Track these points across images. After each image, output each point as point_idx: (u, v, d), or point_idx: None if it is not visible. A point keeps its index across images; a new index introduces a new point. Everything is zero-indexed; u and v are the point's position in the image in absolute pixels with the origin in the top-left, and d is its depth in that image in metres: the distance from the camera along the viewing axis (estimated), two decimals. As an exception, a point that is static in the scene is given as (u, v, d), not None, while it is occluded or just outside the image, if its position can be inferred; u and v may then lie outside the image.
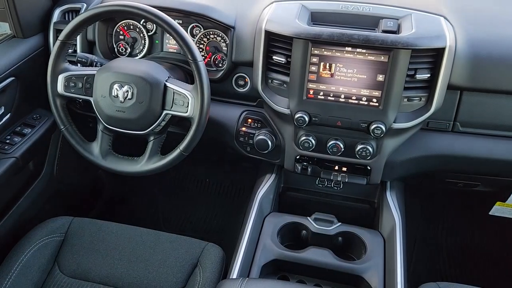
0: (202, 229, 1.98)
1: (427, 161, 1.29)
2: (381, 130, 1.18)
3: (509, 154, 1.26)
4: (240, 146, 1.38)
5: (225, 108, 1.38)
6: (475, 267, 1.81)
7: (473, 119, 1.25)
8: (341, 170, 1.32)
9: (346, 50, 1.14)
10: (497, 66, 1.18)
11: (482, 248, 1.85)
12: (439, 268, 1.82)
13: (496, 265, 1.80)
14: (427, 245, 1.86)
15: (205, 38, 1.37)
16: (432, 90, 1.17)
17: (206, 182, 2.12)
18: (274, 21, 1.20)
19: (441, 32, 1.14)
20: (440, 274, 1.81)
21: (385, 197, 1.35)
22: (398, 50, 1.10)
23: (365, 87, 1.17)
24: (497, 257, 1.82)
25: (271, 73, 1.25)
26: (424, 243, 1.86)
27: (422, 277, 1.76)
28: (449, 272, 1.81)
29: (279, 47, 1.21)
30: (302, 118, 1.21)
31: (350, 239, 1.26)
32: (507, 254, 1.82)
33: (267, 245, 1.21)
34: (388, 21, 1.19)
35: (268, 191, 1.38)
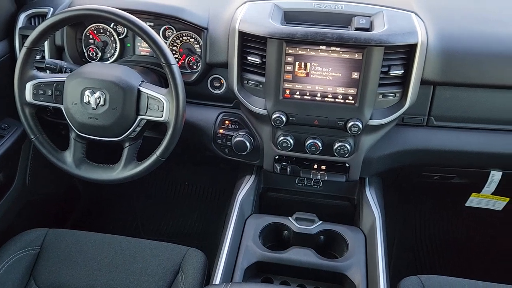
0: (183, 233, 1.96)
1: (403, 156, 1.31)
2: (358, 127, 1.18)
3: (482, 146, 1.29)
4: (218, 149, 1.36)
5: (201, 110, 1.36)
6: (455, 257, 1.85)
7: (446, 113, 1.27)
8: (320, 168, 1.33)
9: (321, 48, 1.14)
10: (467, 61, 1.20)
11: (460, 239, 1.89)
12: (419, 260, 1.85)
13: (475, 254, 1.85)
14: (406, 238, 1.89)
15: (178, 40, 1.35)
16: (406, 86, 1.18)
17: (185, 185, 2.09)
18: (248, 21, 1.19)
19: (413, 29, 1.16)
20: (421, 266, 1.84)
21: (365, 193, 1.36)
22: (372, 48, 1.11)
23: (340, 85, 1.17)
24: (475, 247, 1.87)
25: (246, 73, 1.24)
26: (404, 237, 1.89)
27: (403, 271, 1.78)
28: (429, 264, 1.85)
29: (254, 47, 1.20)
30: (280, 118, 1.21)
31: (331, 237, 1.26)
32: (485, 244, 1.86)
33: (249, 247, 1.20)
34: (361, 19, 1.19)
35: (248, 192, 1.37)
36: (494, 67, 1.20)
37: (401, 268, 1.79)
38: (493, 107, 1.25)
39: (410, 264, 1.84)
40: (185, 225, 1.99)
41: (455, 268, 1.83)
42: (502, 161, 1.32)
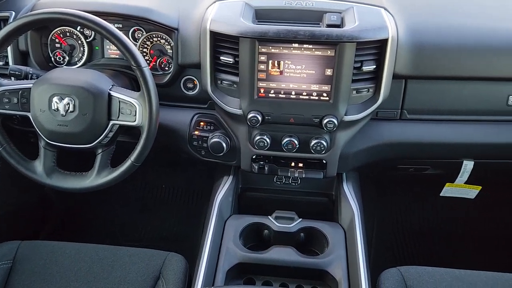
0: (163, 237, 1.93)
1: (379, 150, 1.33)
2: (333, 123, 1.19)
3: (454, 137, 1.32)
4: (194, 151, 1.35)
5: (175, 112, 1.34)
6: (432, 247, 1.90)
7: (418, 106, 1.29)
8: (298, 166, 1.33)
9: (293, 46, 1.14)
10: (436, 54, 1.22)
11: (437, 228, 1.93)
12: (398, 252, 1.89)
13: (451, 243, 1.89)
14: (385, 231, 1.92)
15: (148, 41, 1.32)
16: (379, 80, 1.20)
17: (162, 188, 2.06)
18: (219, 21, 1.17)
19: (383, 24, 1.17)
20: (399, 257, 1.87)
21: (342, 189, 1.37)
22: (344, 44, 1.12)
23: (314, 82, 1.17)
24: (451, 235, 1.91)
25: (220, 74, 1.23)
26: (382, 229, 1.91)
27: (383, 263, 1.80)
28: (408, 255, 1.88)
29: (226, 47, 1.19)
30: (255, 118, 1.20)
31: (312, 234, 1.27)
32: (460, 232, 1.91)
33: (230, 249, 1.19)
34: (332, 15, 1.20)
35: (226, 193, 1.36)
36: (463, 59, 1.23)
37: (381, 260, 1.81)
38: (463, 99, 1.28)
39: (389, 255, 1.87)
40: (164, 229, 1.96)
41: (433, 257, 1.87)
42: (474, 150, 1.35)
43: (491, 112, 1.30)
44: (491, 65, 1.23)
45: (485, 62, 1.23)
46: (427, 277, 1.18)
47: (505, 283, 1.16)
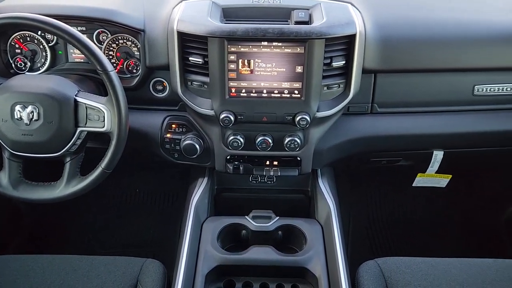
0: (140, 243, 1.89)
1: (351, 144, 1.34)
2: (306, 120, 1.19)
3: (423, 128, 1.34)
4: (167, 154, 1.32)
5: (145, 116, 1.31)
6: (408, 236, 1.93)
7: (388, 99, 1.31)
8: (273, 164, 1.32)
9: (263, 44, 1.13)
10: (403, 47, 1.24)
11: (411, 218, 1.97)
12: (375, 243, 1.92)
13: (425, 231, 1.94)
14: (361, 223, 1.95)
15: (114, 44, 1.29)
16: (349, 76, 1.20)
17: (136, 193, 2.02)
18: (186, 21, 1.15)
19: (351, 19, 1.17)
20: (376, 249, 1.91)
21: (318, 185, 1.38)
22: (313, 41, 1.12)
23: (285, 79, 1.17)
24: (426, 224, 1.96)
25: (189, 75, 1.21)
26: (358, 222, 1.94)
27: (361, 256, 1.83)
28: (385, 245, 1.92)
29: (195, 47, 1.17)
30: (228, 118, 1.19)
31: (289, 232, 1.27)
32: (434, 220, 1.96)
33: (208, 252, 1.17)
34: (300, 12, 1.19)
35: (202, 195, 1.34)
36: (429, 52, 1.25)
37: (358, 252, 1.84)
38: (431, 90, 1.31)
39: (367, 247, 1.90)
40: (140, 234, 1.92)
41: (409, 246, 1.91)
42: (443, 141, 1.38)
43: (458, 102, 1.33)
44: (457, 56, 1.26)
45: (451, 53, 1.26)
46: (404, 268, 1.20)
47: (478, 268, 1.19)
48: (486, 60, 1.26)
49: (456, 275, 1.18)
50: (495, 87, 1.31)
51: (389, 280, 1.17)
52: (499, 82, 1.30)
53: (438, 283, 1.17)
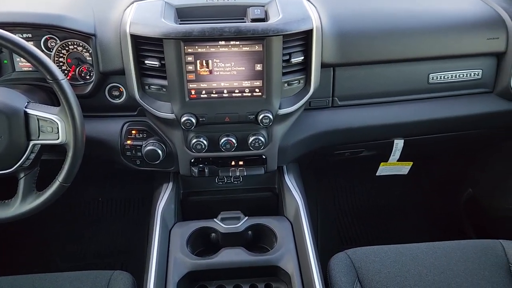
0: (106, 253, 1.83)
1: (315, 139, 1.34)
2: (269, 118, 1.18)
3: (383, 118, 1.37)
4: (129, 161, 1.28)
5: (103, 123, 1.26)
6: (375, 224, 1.98)
7: (348, 92, 1.33)
8: (238, 164, 1.31)
9: (220, 44, 1.11)
10: (359, 40, 1.26)
11: (377, 206, 2.02)
12: (344, 233, 1.95)
13: (391, 218, 1.99)
14: (329, 215, 1.98)
15: (64, 50, 1.22)
16: (308, 71, 1.21)
17: (99, 201, 1.95)
18: (139, 23, 1.11)
19: (307, 14, 1.17)
20: (346, 239, 1.94)
21: (284, 181, 1.38)
22: (271, 38, 1.11)
23: (245, 78, 1.16)
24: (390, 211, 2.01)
25: (146, 78, 1.17)
26: (327, 214, 1.97)
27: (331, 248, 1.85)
28: (353, 235, 1.95)
29: (150, 50, 1.13)
30: (189, 121, 1.16)
31: (260, 231, 1.26)
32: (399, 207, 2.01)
33: (178, 258, 1.15)
34: (255, 9, 1.18)
35: (168, 201, 1.31)
36: (384, 44, 1.27)
37: (329, 244, 1.86)
38: (388, 81, 1.33)
39: (336, 238, 1.93)
40: (106, 244, 1.86)
41: (376, 234, 1.96)
42: (402, 129, 1.41)
43: (415, 91, 1.36)
44: (412, 46, 1.29)
45: (406, 44, 1.28)
46: (373, 257, 1.22)
47: (443, 251, 1.24)
48: (439, 49, 1.30)
49: (423, 259, 1.22)
50: (449, 75, 1.35)
51: (360, 270, 1.19)
52: (452, 70, 1.34)
53: (406, 269, 1.20)
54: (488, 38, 1.31)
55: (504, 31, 1.31)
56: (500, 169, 1.62)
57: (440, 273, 1.19)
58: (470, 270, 1.19)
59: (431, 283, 1.17)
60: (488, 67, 1.36)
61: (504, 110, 1.39)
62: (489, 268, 1.19)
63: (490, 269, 1.19)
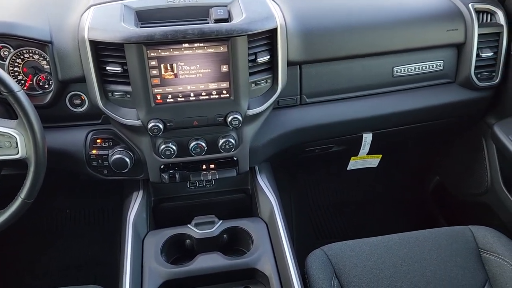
0: (78, 266, 1.77)
1: (285, 138, 1.34)
2: (238, 120, 1.17)
3: (351, 113, 1.38)
4: (95, 171, 1.24)
5: (66, 134, 1.21)
6: (349, 218, 2.00)
7: (315, 89, 1.33)
8: (210, 168, 1.29)
9: (184, 46, 1.09)
10: (323, 36, 1.26)
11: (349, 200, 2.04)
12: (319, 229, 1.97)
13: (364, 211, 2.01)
14: (303, 212, 1.99)
15: (19, 59, 1.16)
16: (275, 70, 1.20)
17: (67, 213, 1.88)
18: (97, 28, 1.07)
19: (270, 13, 1.16)
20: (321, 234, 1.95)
21: (257, 182, 1.37)
22: (235, 38, 1.09)
23: (212, 80, 1.14)
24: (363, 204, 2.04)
25: (109, 85, 1.13)
26: (301, 212, 1.97)
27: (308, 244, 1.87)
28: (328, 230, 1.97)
29: (111, 55, 1.09)
30: (156, 127, 1.13)
31: (235, 234, 1.24)
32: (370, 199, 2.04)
33: (153, 268, 1.12)
34: (218, 9, 1.16)
35: (139, 210, 1.27)
36: (348, 39, 1.28)
37: (305, 242, 1.87)
38: (354, 76, 1.34)
39: (312, 235, 1.94)
40: (78, 257, 1.80)
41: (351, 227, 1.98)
42: (370, 123, 1.43)
43: (380, 85, 1.38)
44: (375, 41, 1.30)
45: (368, 38, 1.30)
46: (348, 251, 1.24)
47: (415, 240, 1.26)
48: (402, 42, 1.32)
49: (397, 250, 1.24)
50: (412, 67, 1.37)
51: (337, 266, 1.20)
52: (415, 62, 1.37)
53: (382, 261, 1.22)
54: (448, 30, 1.34)
55: (462, 23, 1.35)
56: (464, 156, 1.67)
57: (414, 263, 1.21)
58: (442, 258, 1.22)
59: (406, 273, 1.19)
60: (449, 58, 1.40)
61: (466, 99, 1.43)
62: (460, 254, 1.23)
63: (461, 255, 1.23)
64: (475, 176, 1.60)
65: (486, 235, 1.26)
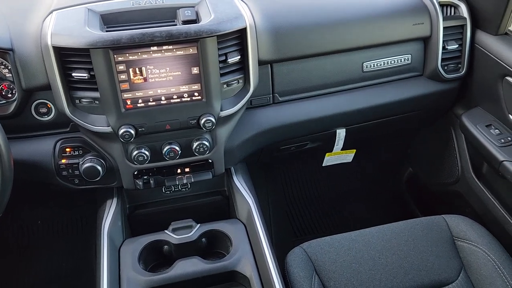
0: (53, 280, 1.72)
1: (260, 137, 1.33)
2: (211, 122, 1.15)
3: (323, 110, 1.38)
4: (66, 181, 1.20)
5: (32, 144, 1.17)
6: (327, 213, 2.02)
7: (287, 87, 1.33)
8: (185, 171, 1.27)
9: (153, 50, 1.06)
10: (293, 35, 1.26)
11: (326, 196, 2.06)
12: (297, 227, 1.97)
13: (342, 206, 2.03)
14: (281, 210, 1.99)
15: (-22, 68, 1.11)
16: (246, 70, 1.19)
17: (38, 225, 1.82)
18: (61, 34, 1.04)
19: (239, 13, 1.15)
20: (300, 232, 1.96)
21: (233, 183, 1.36)
22: (205, 39, 1.08)
23: (183, 83, 1.12)
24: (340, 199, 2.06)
25: (76, 92, 1.10)
26: (278, 210, 1.97)
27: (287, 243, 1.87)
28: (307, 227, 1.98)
29: (76, 61, 1.06)
30: (128, 133, 1.10)
31: (214, 236, 1.23)
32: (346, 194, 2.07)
33: (131, 278, 1.09)
34: (186, 11, 1.14)
35: (114, 219, 1.24)
36: (317, 37, 1.28)
37: (284, 240, 1.88)
38: (325, 73, 1.35)
39: (291, 232, 1.95)
40: (52, 270, 1.74)
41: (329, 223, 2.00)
42: (342, 119, 1.44)
43: (351, 80, 1.39)
44: (344, 37, 1.31)
45: (338, 35, 1.30)
46: (327, 247, 1.25)
47: (392, 232, 1.28)
48: (370, 37, 1.33)
49: (375, 243, 1.26)
50: (381, 62, 1.39)
51: (316, 262, 1.21)
52: (383, 57, 1.39)
53: (360, 255, 1.23)
54: (414, 24, 1.37)
55: (428, 17, 1.37)
56: (435, 147, 1.71)
57: (392, 255, 1.23)
58: (419, 248, 1.25)
59: (384, 266, 1.21)
60: (416, 52, 1.42)
61: (435, 91, 1.47)
62: (436, 244, 1.26)
63: (437, 244, 1.26)
64: (446, 166, 1.64)
65: (459, 223, 1.30)
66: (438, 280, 1.19)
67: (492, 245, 1.23)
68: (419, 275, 1.19)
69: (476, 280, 1.20)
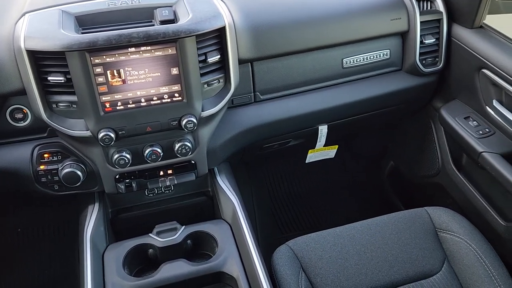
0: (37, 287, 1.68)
1: (242, 136, 1.33)
2: (192, 122, 1.14)
3: (305, 107, 1.38)
4: (45, 188, 1.17)
5: (9, 151, 1.14)
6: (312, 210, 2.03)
7: (268, 85, 1.32)
8: (167, 173, 1.26)
9: (130, 51, 1.04)
10: (272, 33, 1.25)
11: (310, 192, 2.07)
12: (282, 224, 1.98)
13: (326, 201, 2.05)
14: (266, 208, 1.99)
15: None
16: (226, 69, 1.18)
17: (18, 233, 1.78)
18: (35, 37, 1.01)
19: (217, 12, 1.14)
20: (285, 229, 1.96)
21: (217, 183, 1.35)
22: (183, 39, 1.06)
23: (163, 84, 1.10)
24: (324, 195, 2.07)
25: (52, 96, 1.07)
26: (263, 208, 1.97)
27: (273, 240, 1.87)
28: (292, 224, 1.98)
29: (52, 65, 1.03)
30: (108, 136, 1.08)
31: (199, 238, 1.22)
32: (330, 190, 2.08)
33: (116, 283, 1.08)
34: (163, 11, 1.13)
35: (96, 224, 1.22)
36: (296, 34, 1.28)
37: (269, 238, 1.88)
38: (305, 70, 1.35)
39: (276, 230, 1.95)
40: (35, 277, 1.71)
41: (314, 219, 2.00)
42: (324, 115, 1.45)
43: (331, 77, 1.40)
44: (323, 34, 1.31)
45: (317, 32, 1.30)
46: (313, 244, 1.25)
47: (376, 226, 1.30)
48: (349, 33, 1.34)
49: (360, 238, 1.27)
50: (360, 57, 1.40)
51: (303, 259, 1.21)
52: (363, 52, 1.40)
53: (346, 250, 1.24)
54: (392, 19, 1.38)
55: (405, 12, 1.39)
56: (415, 140, 1.73)
57: (376, 249, 1.24)
58: (402, 241, 1.26)
59: (369, 260, 1.22)
60: (395, 47, 1.44)
61: (414, 85, 1.48)
62: (420, 236, 1.28)
63: (421, 236, 1.27)
64: (427, 159, 1.67)
65: (441, 215, 1.32)
66: (423, 271, 1.21)
67: (473, 235, 1.25)
68: (404, 268, 1.21)
69: (459, 270, 1.22)
